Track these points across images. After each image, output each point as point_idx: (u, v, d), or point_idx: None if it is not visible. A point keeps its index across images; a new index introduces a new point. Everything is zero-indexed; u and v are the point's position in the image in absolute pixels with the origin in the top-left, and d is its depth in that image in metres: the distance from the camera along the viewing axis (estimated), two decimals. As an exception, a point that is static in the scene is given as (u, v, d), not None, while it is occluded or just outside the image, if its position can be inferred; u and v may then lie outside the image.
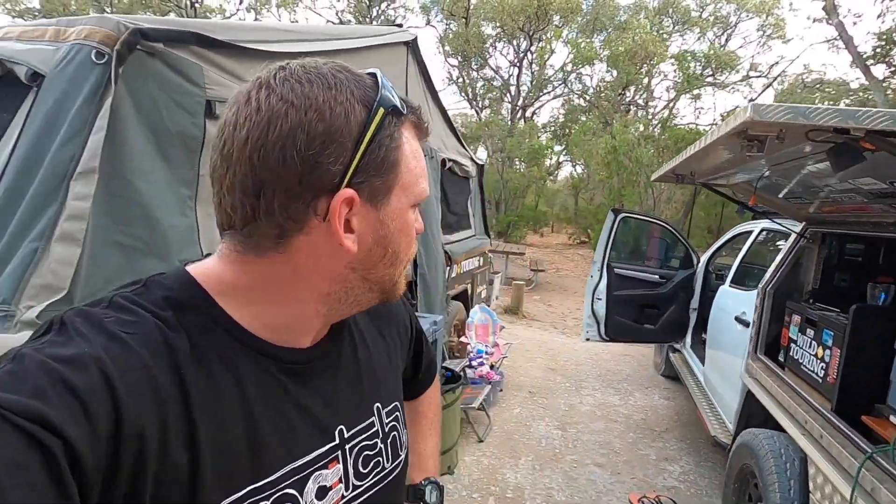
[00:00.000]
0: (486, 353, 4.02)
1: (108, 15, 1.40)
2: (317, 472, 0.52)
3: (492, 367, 4.01)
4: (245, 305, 0.49)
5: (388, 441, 0.62)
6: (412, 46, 3.10)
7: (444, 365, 2.92)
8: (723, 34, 18.30)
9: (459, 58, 19.76)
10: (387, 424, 0.62)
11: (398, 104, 0.48)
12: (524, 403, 3.99)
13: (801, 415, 1.97)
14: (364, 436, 0.58)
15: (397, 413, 0.65)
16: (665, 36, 17.37)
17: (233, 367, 0.47)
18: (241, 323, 0.48)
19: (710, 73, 16.81)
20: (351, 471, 0.56)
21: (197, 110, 1.56)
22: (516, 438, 3.38)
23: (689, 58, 15.81)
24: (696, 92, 16.61)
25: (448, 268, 3.72)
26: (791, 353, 2.32)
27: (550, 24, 17.40)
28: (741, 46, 18.52)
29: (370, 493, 0.58)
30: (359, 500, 0.57)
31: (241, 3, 20.83)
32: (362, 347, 0.62)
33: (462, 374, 3.52)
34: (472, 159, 4.62)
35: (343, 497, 0.55)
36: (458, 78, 21.35)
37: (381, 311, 0.65)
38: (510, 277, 8.99)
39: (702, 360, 3.62)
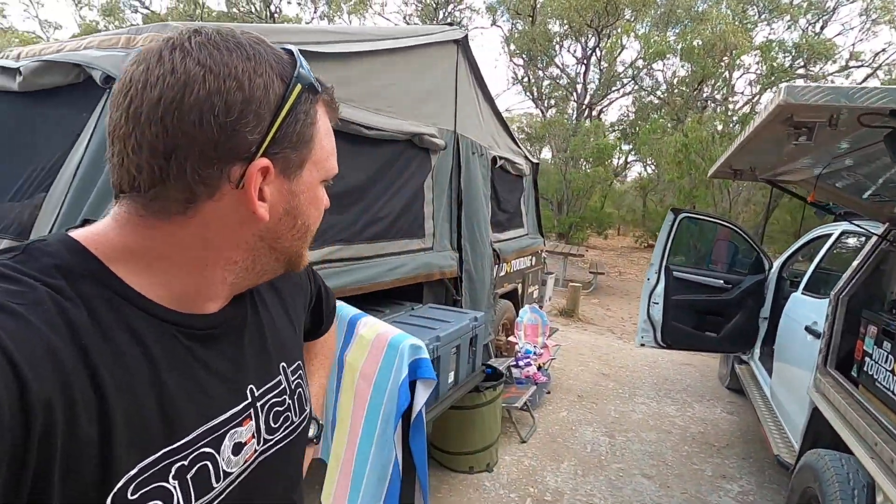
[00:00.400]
0: (534, 353, 3.96)
1: (170, 23, 1.54)
2: (232, 430, 0.53)
3: (539, 368, 3.94)
4: (144, 273, 0.47)
5: (295, 397, 0.64)
6: (462, 44, 3.12)
7: (486, 362, 2.91)
8: (818, 21, 16.70)
9: (525, 57, 19.51)
10: (292, 382, 0.64)
11: (314, 82, 0.49)
12: (571, 407, 3.88)
13: (871, 436, 1.77)
14: (273, 393, 0.60)
15: (300, 371, 0.67)
16: (749, 26, 16.13)
17: (137, 335, 0.45)
18: (140, 291, 0.47)
19: (802, 64, 15.39)
20: (262, 426, 0.58)
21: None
22: (560, 442, 3.30)
23: (777, 48, 14.57)
24: (782, 85, 15.25)
25: (497, 266, 3.71)
26: (865, 368, 2.09)
27: (621, 18, 16.74)
28: (839, 34, 16.79)
29: (280, 445, 0.61)
30: (269, 453, 0.59)
31: (315, 11, 21.90)
32: (263, 310, 0.63)
33: (506, 372, 3.49)
34: (526, 157, 4.57)
35: (255, 451, 0.57)
36: (523, 77, 21.10)
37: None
38: (568, 279, 8.77)
39: (770, 372, 3.35)
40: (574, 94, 19.71)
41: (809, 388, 2.40)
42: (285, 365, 0.63)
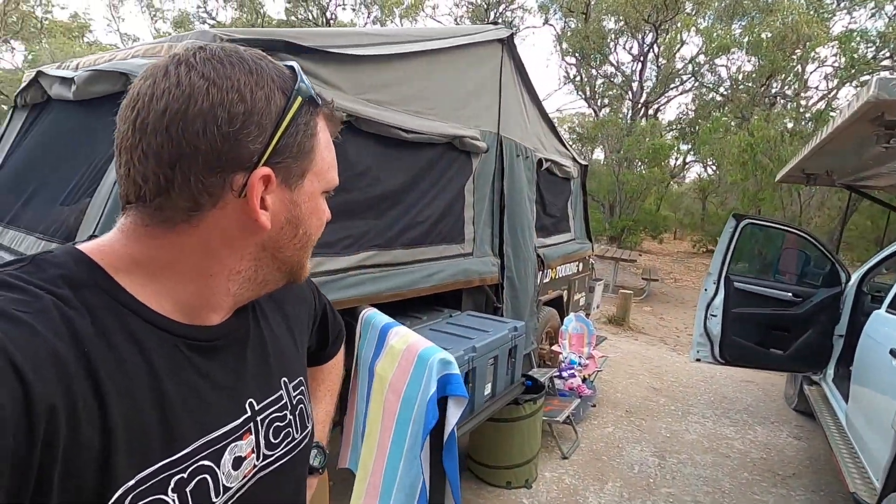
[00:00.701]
0: (579, 364, 3.79)
1: (208, 29, 1.55)
2: (232, 444, 0.53)
3: (584, 379, 3.77)
4: (149, 283, 0.48)
5: (297, 413, 0.64)
6: (508, 43, 3.02)
7: (526, 373, 2.80)
8: (906, 8, 15.18)
9: (577, 55, 19.03)
10: (294, 397, 0.64)
11: (314, 95, 0.51)
12: (618, 423, 3.68)
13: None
14: (274, 408, 0.60)
15: (302, 388, 0.66)
16: (825, 15, 14.92)
17: (140, 345, 0.46)
18: (144, 301, 0.48)
19: (888, 55, 14.05)
20: (262, 441, 0.58)
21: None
22: (605, 460, 3.12)
23: (858, 38, 13.38)
24: (863, 79, 14.01)
25: (541, 272, 3.58)
26: (966, 403, 1.81)
27: (681, 12, 15.96)
28: (933, 21, 15.14)
29: (281, 462, 0.60)
30: (270, 469, 0.59)
31: (368, 16, 22.37)
32: (265, 324, 0.63)
33: (548, 384, 3.35)
34: (574, 159, 4.40)
35: (255, 466, 0.56)
36: (575, 76, 20.59)
37: (283, 288, 0.62)
38: (618, 286, 8.42)
39: (845, 397, 3.02)
40: (629, 92, 19.01)
41: (895, 420, 2.13)
42: (286, 380, 0.63)
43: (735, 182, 12.08)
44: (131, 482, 0.43)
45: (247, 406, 0.56)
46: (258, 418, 0.57)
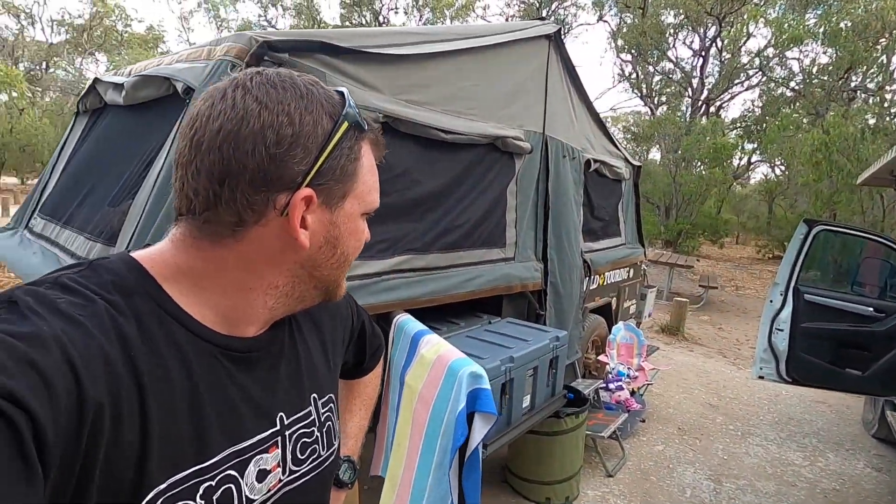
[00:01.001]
0: (628, 376, 3.59)
1: (245, 32, 1.56)
2: (258, 456, 0.54)
3: (633, 393, 3.57)
4: (192, 292, 0.51)
5: (324, 430, 0.64)
6: (555, 39, 2.89)
7: (568, 385, 2.67)
8: None
9: (633, 52, 18.34)
10: (322, 414, 0.64)
11: (360, 121, 0.53)
12: (670, 441, 3.45)
13: None
14: (302, 423, 0.61)
15: (332, 405, 0.67)
16: (916, 0, 13.53)
17: (180, 352, 0.48)
18: (188, 310, 0.50)
19: None
20: (289, 456, 0.58)
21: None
22: (654, 481, 2.93)
23: (954, 25, 12.04)
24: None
25: (587, 278, 3.42)
26: None
27: (748, 3, 15.02)
28: None
29: (306, 478, 0.61)
30: (294, 485, 0.59)
31: (420, 19, 22.58)
32: (300, 339, 0.64)
33: (593, 396, 3.19)
34: (626, 160, 4.19)
35: (280, 481, 0.57)
36: (630, 74, 19.86)
37: (320, 304, 0.64)
38: (673, 293, 7.99)
39: (936, 427, 2.68)
40: (689, 89, 18.12)
41: None
42: (316, 396, 0.64)
43: (806, 183, 11.20)
44: (163, 486, 0.45)
45: (276, 419, 0.57)
46: (287, 433, 0.58)
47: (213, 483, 0.49)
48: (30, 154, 18.17)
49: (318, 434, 0.63)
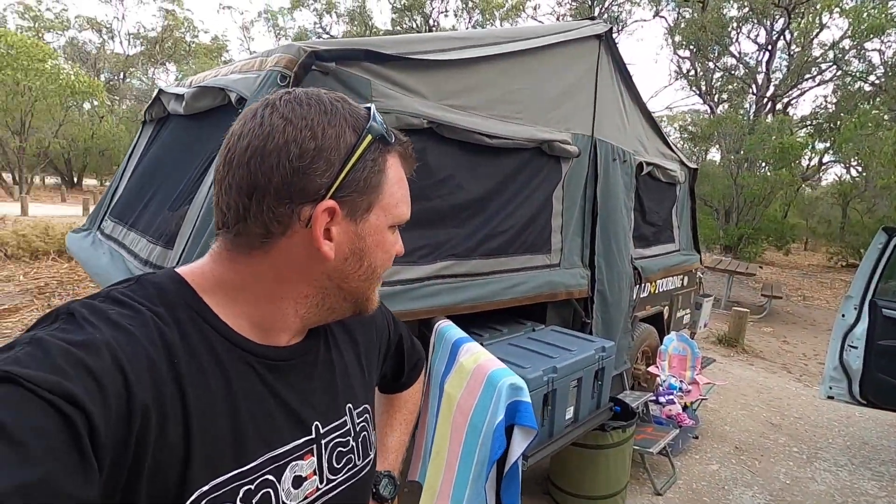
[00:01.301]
0: (680, 389, 3.42)
1: (294, 43, 1.60)
2: (293, 463, 0.55)
3: (685, 407, 3.39)
4: (229, 303, 0.53)
5: (360, 440, 0.64)
6: (605, 39, 2.80)
7: (615, 397, 2.57)
8: None
9: (692, 47, 17.54)
10: (357, 424, 0.65)
11: (385, 134, 0.54)
12: (725, 460, 3.25)
13: None
14: (338, 433, 0.61)
15: (367, 415, 0.67)
16: None
17: (219, 360, 0.50)
18: (226, 320, 0.52)
19: None
20: (325, 465, 0.59)
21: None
22: (706, 502, 2.77)
23: None
24: None
25: (637, 286, 3.29)
26: None
27: (821, -8, 13.99)
28: None
29: (342, 487, 0.61)
30: (332, 494, 0.60)
31: (469, 21, 22.61)
32: (335, 350, 0.65)
33: (642, 409, 3.07)
34: (681, 162, 4.00)
35: (318, 489, 0.58)
36: (689, 71, 19.01)
37: (355, 316, 0.64)
38: (732, 302, 7.55)
39: None
40: (752, 85, 17.11)
41: None
42: (351, 406, 0.64)
43: (887, 186, 10.30)
44: (206, 487, 0.47)
45: (312, 428, 0.58)
46: (322, 441, 0.59)
47: (252, 487, 0.50)
48: (108, 158, 19.71)
49: (354, 444, 0.63)
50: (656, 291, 3.66)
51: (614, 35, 2.93)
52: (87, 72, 21.26)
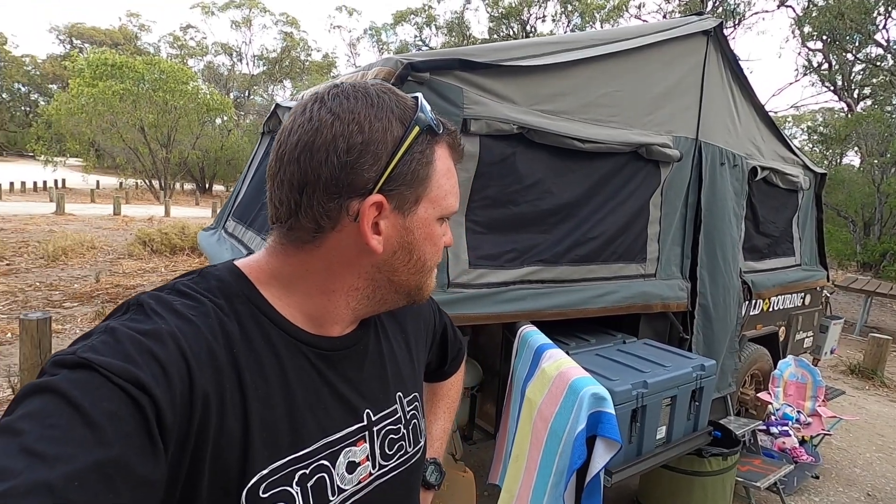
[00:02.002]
0: (797, 421, 3.04)
1: (391, 56, 1.71)
2: (347, 448, 0.57)
3: (803, 441, 3.01)
4: (283, 295, 0.55)
5: (410, 427, 0.66)
6: (714, 35, 2.61)
7: (716, 421, 2.36)
8: None
9: (825, 38, 15.56)
10: (408, 412, 0.66)
11: (433, 125, 0.53)
12: (853, 508, 2.83)
13: None
14: (389, 420, 0.62)
15: (417, 403, 0.68)
16: None
17: (275, 350, 0.52)
18: (281, 311, 0.54)
19: None
20: (378, 451, 0.60)
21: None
22: (827, 552, 2.43)
23: None
24: None
25: (747, 302, 3.00)
26: None
27: None
28: None
29: (394, 473, 0.62)
30: (384, 479, 0.61)
31: (568, 25, 22.15)
32: (385, 339, 0.66)
33: (749, 438, 2.78)
34: (805, 167, 3.58)
35: (371, 474, 0.59)
36: (821, 64, 16.89)
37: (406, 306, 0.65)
38: (870, 327, 6.55)
39: None
40: (904, 78, 14.72)
41: None
42: (402, 395, 0.66)
43: None
44: (265, 471, 0.49)
45: (364, 415, 0.59)
46: (374, 429, 0.60)
47: (308, 471, 0.52)
48: (233, 166, 22.19)
49: (405, 431, 0.65)
50: (770, 309, 3.30)
51: (729, 30, 2.72)
52: (220, 91, 24.15)
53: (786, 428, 2.99)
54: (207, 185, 24.61)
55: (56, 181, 19.66)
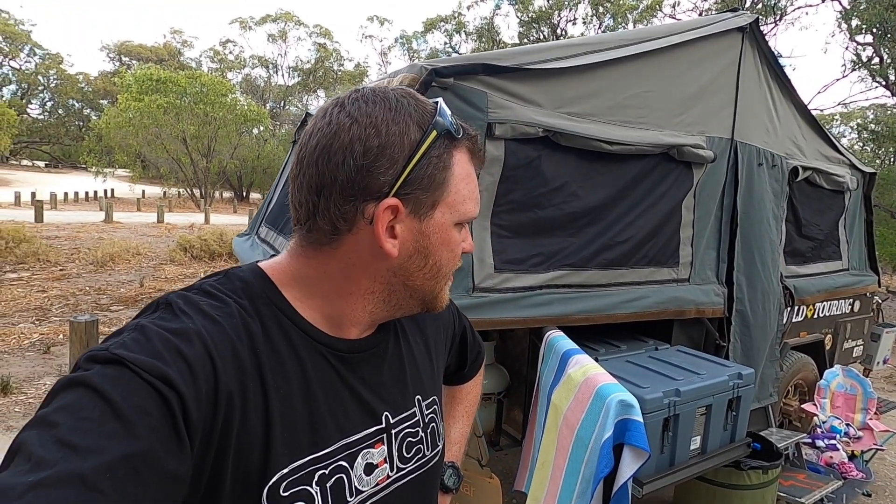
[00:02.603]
0: (846, 434, 2.88)
1: (416, 62, 1.73)
2: (365, 450, 0.57)
3: (852, 456, 2.85)
4: (304, 296, 0.55)
5: (428, 431, 0.65)
6: (750, 31, 2.52)
7: (755, 432, 2.26)
8: None
9: (875, 30, 14.78)
10: (426, 416, 0.66)
11: (452, 129, 0.53)
12: (910, 529, 2.65)
13: None
14: (407, 423, 0.62)
15: (435, 406, 0.68)
16: None
17: (296, 351, 0.53)
18: (302, 313, 0.55)
19: None
20: (395, 454, 0.60)
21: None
22: (880, 575, 2.28)
23: None
24: None
25: (788, 308, 2.87)
26: None
27: None
28: None
29: (412, 476, 0.62)
30: (402, 482, 0.61)
31: (599, 26, 21.84)
32: (405, 343, 0.66)
33: (792, 451, 2.65)
34: (852, 166, 3.40)
35: (388, 476, 0.59)
36: (870, 58, 16.04)
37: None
38: (930, 336, 6.12)
39: None
40: (965, 70, 13.82)
41: None
42: (420, 398, 0.66)
43: None
44: (286, 470, 0.49)
45: (382, 418, 0.60)
46: (392, 431, 0.60)
47: (327, 471, 0.53)
48: (269, 175, 22.88)
49: (423, 434, 0.65)
50: (814, 316, 3.15)
51: (770, 26, 2.62)
52: (257, 102, 24.97)
53: (833, 441, 2.83)
54: (245, 193, 25.44)
55: (105, 191, 20.79)
